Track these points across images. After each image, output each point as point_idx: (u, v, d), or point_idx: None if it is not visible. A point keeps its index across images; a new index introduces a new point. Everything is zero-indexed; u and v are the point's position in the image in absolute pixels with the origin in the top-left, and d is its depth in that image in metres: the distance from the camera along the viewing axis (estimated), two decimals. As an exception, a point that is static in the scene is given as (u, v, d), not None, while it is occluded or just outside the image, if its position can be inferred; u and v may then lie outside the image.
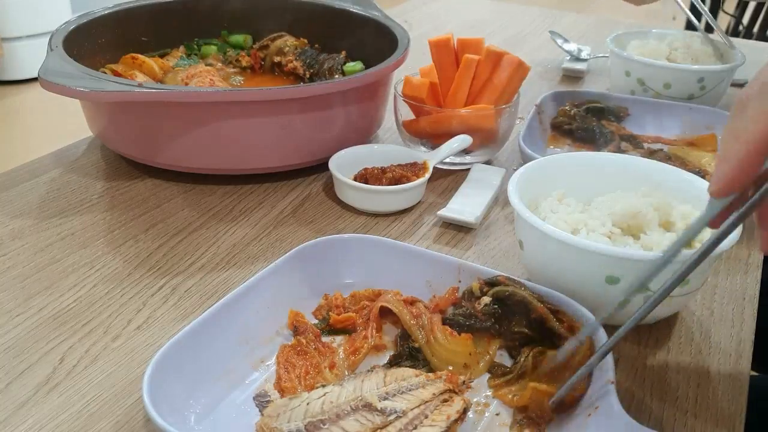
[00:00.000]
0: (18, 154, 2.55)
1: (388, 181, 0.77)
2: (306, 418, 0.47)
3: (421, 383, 0.50)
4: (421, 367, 0.54)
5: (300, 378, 0.53)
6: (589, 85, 1.20)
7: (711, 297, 0.67)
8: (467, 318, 0.57)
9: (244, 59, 1.03)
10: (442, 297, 0.59)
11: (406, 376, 0.51)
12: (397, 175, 0.78)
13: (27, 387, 0.54)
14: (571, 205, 0.65)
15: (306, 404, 0.48)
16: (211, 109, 0.76)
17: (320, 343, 0.57)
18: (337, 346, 0.57)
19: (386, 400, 0.48)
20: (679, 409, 0.54)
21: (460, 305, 0.58)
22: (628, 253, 0.56)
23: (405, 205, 0.78)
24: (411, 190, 0.77)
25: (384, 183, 0.77)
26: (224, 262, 0.69)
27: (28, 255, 0.69)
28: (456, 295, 0.59)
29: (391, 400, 0.48)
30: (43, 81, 0.72)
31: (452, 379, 0.50)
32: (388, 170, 0.78)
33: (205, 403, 0.51)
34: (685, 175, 0.68)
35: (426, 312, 0.57)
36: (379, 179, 0.77)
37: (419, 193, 0.79)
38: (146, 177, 0.83)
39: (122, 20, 0.96)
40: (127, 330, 0.60)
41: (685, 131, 0.96)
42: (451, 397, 0.49)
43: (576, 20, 1.54)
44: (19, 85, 3.12)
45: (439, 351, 0.55)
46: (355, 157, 0.82)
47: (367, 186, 0.77)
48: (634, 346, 0.60)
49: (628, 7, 1.14)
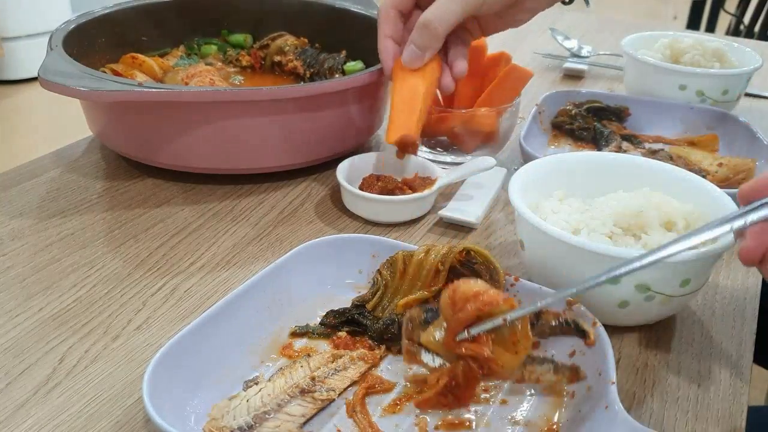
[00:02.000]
0: (18, 153, 2.55)
1: (379, 189, 0.75)
2: (251, 412, 0.49)
3: (343, 365, 0.54)
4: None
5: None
6: (589, 84, 1.20)
7: (712, 297, 0.67)
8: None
9: (245, 59, 1.03)
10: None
11: (328, 360, 0.54)
12: (391, 186, 0.76)
13: (26, 387, 0.54)
14: (572, 205, 0.65)
15: (246, 401, 0.50)
16: (211, 109, 0.76)
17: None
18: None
19: (319, 383, 0.52)
20: (680, 410, 0.54)
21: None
22: (629, 254, 0.56)
23: (407, 217, 0.76)
24: (414, 201, 0.75)
25: (375, 191, 0.75)
26: (224, 262, 0.69)
27: (27, 255, 0.69)
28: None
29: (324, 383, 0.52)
30: (42, 80, 0.72)
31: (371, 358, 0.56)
32: (381, 179, 0.77)
33: (205, 403, 0.50)
34: (686, 174, 0.67)
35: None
36: (372, 187, 0.76)
37: (426, 206, 0.77)
38: (146, 177, 0.83)
39: (122, 20, 0.96)
40: (127, 330, 0.60)
41: (686, 131, 0.96)
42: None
43: (576, 19, 1.54)
44: (19, 85, 3.12)
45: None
46: (367, 165, 0.80)
47: (372, 195, 0.74)
48: (635, 346, 0.60)
49: (629, 6, 1.14)
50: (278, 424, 0.49)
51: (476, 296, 0.50)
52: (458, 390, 0.51)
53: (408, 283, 0.59)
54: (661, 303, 0.58)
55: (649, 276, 0.56)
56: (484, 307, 0.49)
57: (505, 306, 0.50)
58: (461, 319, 0.50)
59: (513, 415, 0.52)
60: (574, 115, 0.96)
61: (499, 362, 0.50)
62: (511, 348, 0.50)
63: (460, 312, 0.50)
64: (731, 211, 0.51)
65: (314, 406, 0.51)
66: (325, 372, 0.53)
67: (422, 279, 0.59)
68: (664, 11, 3.90)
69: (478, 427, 0.51)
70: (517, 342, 0.50)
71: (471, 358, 0.50)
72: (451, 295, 0.51)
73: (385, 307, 0.59)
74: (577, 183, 0.68)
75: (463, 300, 0.50)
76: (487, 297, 0.50)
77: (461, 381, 0.51)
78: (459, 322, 0.50)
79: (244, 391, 0.52)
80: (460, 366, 0.51)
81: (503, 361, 0.50)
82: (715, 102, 0.99)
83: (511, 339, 0.50)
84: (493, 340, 0.50)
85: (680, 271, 0.57)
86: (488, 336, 0.50)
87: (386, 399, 0.53)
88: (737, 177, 0.82)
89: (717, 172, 0.83)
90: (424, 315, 0.54)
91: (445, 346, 0.51)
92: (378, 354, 0.56)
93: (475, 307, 0.49)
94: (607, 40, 1.37)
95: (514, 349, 0.50)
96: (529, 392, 0.54)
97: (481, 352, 0.49)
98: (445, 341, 0.51)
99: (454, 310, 0.50)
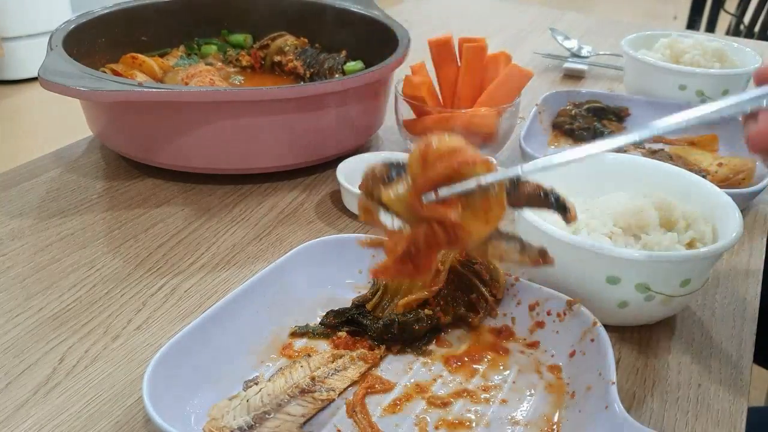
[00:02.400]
0: (18, 153, 2.55)
1: None
2: (250, 412, 0.49)
3: (343, 365, 0.54)
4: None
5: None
6: (589, 84, 1.20)
7: (712, 297, 0.67)
8: None
9: (244, 59, 1.03)
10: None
11: (328, 360, 0.54)
12: None
13: (27, 387, 0.54)
14: (571, 204, 0.65)
15: (246, 401, 0.50)
16: (211, 109, 0.76)
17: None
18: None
19: (319, 383, 0.52)
20: (680, 410, 0.54)
21: None
22: (629, 253, 0.56)
23: None
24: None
25: None
26: (224, 262, 0.69)
27: (27, 255, 0.69)
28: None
29: (324, 383, 0.52)
30: (42, 80, 0.72)
31: (371, 358, 0.55)
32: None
33: (205, 404, 0.50)
34: (686, 174, 0.67)
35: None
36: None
37: None
38: (146, 177, 0.83)
39: (122, 20, 0.96)
40: (127, 330, 0.60)
41: (686, 131, 0.95)
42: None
43: (576, 19, 1.54)
44: (19, 85, 3.12)
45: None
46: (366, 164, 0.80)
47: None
48: (635, 347, 0.60)
49: (629, 6, 1.14)
50: (278, 424, 0.49)
51: (451, 154, 0.44)
52: (418, 257, 0.46)
53: (408, 284, 0.59)
54: (662, 303, 0.58)
55: (649, 276, 0.56)
56: (459, 167, 0.43)
57: (482, 168, 0.44)
58: (431, 177, 0.44)
59: (513, 415, 0.52)
60: (574, 115, 0.96)
61: (466, 229, 0.44)
62: (482, 216, 0.45)
63: (431, 170, 0.44)
64: (744, 92, 0.45)
65: (314, 406, 0.51)
66: (325, 372, 0.53)
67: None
68: (664, 11, 3.90)
69: (477, 426, 0.51)
70: (489, 210, 0.44)
71: (436, 222, 0.44)
72: (423, 149, 0.44)
73: (385, 307, 0.59)
74: (576, 183, 0.68)
75: (437, 157, 0.44)
76: (463, 156, 0.44)
77: (422, 246, 0.45)
78: (428, 180, 0.44)
79: (244, 391, 0.52)
80: (422, 230, 0.45)
81: (471, 228, 0.44)
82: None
83: (483, 206, 0.44)
84: (462, 206, 0.44)
85: (680, 271, 0.57)
86: (458, 200, 0.44)
87: (386, 399, 0.53)
88: (737, 177, 0.82)
89: (717, 172, 0.83)
90: (390, 171, 0.47)
91: (408, 207, 0.45)
92: (378, 354, 0.56)
93: (448, 166, 0.43)
94: (607, 40, 1.37)
95: (484, 217, 0.45)
96: (529, 392, 0.54)
97: (448, 216, 0.44)
98: (409, 201, 0.45)
99: (424, 166, 0.44)
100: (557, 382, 0.55)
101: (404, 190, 0.45)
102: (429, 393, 0.54)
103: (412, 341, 0.58)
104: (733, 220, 0.60)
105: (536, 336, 0.58)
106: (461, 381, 0.55)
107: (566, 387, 0.54)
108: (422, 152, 0.44)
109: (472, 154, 0.44)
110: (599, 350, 0.53)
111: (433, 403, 0.53)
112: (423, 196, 0.44)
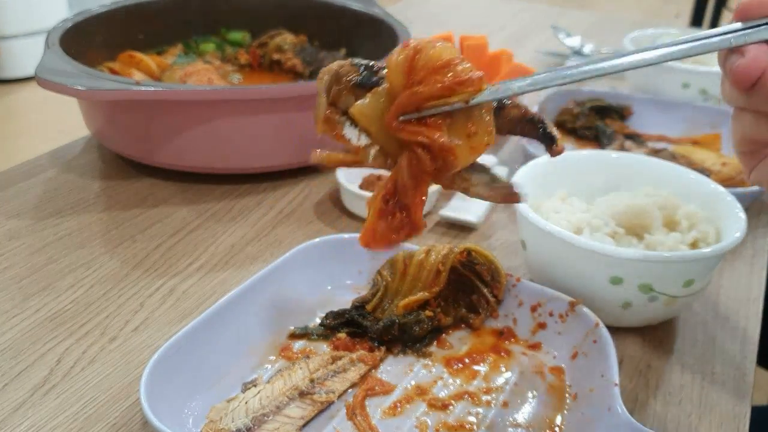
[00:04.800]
0: (14, 153, 2.54)
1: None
2: (249, 414, 0.49)
3: (343, 367, 0.53)
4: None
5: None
6: (591, 83, 1.19)
7: (715, 298, 0.66)
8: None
9: (243, 57, 1.02)
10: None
11: (327, 361, 0.54)
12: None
13: (23, 389, 0.53)
14: (574, 204, 0.64)
15: (245, 403, 0.50)
16: (210, 108, 0.75)
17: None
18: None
19: (319, 385, 0.52)
20: (683, 411, 0.54)
21: None
22: (632, 254, 0.55)
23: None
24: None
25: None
26: (222, 263, 0.68)
27: (24, 255, 0.68)
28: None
29: (323, 385, 0.52)
30: (39, 79, 0.71)
31: (371, 359, 0.55)
32: (382, 179, 0.76)
33: (204, 406, 0.50)
34: (689, 174, 0.67)
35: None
36: (372, 186, 0.75)
37: (426, 205, 0.76)
38: (144, 176, 0.82)
39: (119, 18, 0.95)
40: (125, 331, 0.59)
41: (689, 130, 0.95)
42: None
43: (578, 17, 1.53)
44: (16, 84, 3.11)
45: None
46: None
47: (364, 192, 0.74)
48: (638, 348, 0.60)
49: (632, 4, 1.14)
50: (277, 426, 0.49)
51: (447, 67, 0.37)
52: (405, 195, 0.40)
53: (408, 284, 0.58)
54: (665, 304, 0.58)
55: (652, 276, 0.56)
56: (455, 86, 0.37)
57: (474, 87, 0.37)
58: (421, 93, 0.37)
59: (514, 417, 0.51)
60: (576, 113, 0.95)
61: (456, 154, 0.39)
62: (466, 140, 0.39)
63: (421, 84, 0.37)
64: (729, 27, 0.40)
65: (313, 409, 0.51)
66: (324, 374, 0.53)
67: (423, 280, 0.58)
68: (666, 9, 3.90)
69: (479, 429, 0.50)
70: (474, 134, 0.39)
71: (420, 147, 0.39)
72: (410, 56, 0.38)
73: (385, 309, 0.58)
74: (579, 182, 0.68)
75: (428, 69, 0.37)
76: (461, 71, 0.37)
77: (406, 180, 0.39)
78: (415, 97, 0.38)
79: (243, 393, 0.51)
80: (405, 159, 0.39)
81: (458, 154, 0.39)
82: (718, 101, 0.98)
83: (467, 129, 0.39)
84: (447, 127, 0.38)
85: (684, 272, 0.56)
86: (443, 120, 0.38)
87: (386, 401, 0.52)
88: (741, 176, 0.82)
89: (720, 172, 0.82)
90: (360, 75, 0.40)
91: (383, 125, 0.39)
92: (378, 356, 0.56)
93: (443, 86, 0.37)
94: (609, 38, 1.37)
95: (469, 142, 0.39)
96: (531, 394, 0.53)
97: (436, 139, 0.38)
98: (385, 119, 0.39)
99: (411, 79, 0.38)
100: (559, 384, 0.54)
101: (380, 105, 0.39)
102: (430, 395, 0.53)
103: (413, 343, 0.57)
104: (736, 220, 0.59)
105: (538, 337, 0.58)
106: (462, 383, 0.54)
107: (568, 389, 0.53)
108: (409, 60, 0.38)
109: (471, 67, 0.38)
110: (602, 352, 0.52)
111: (433, 406, 0.52)
112: (402, 115, 0.38)
